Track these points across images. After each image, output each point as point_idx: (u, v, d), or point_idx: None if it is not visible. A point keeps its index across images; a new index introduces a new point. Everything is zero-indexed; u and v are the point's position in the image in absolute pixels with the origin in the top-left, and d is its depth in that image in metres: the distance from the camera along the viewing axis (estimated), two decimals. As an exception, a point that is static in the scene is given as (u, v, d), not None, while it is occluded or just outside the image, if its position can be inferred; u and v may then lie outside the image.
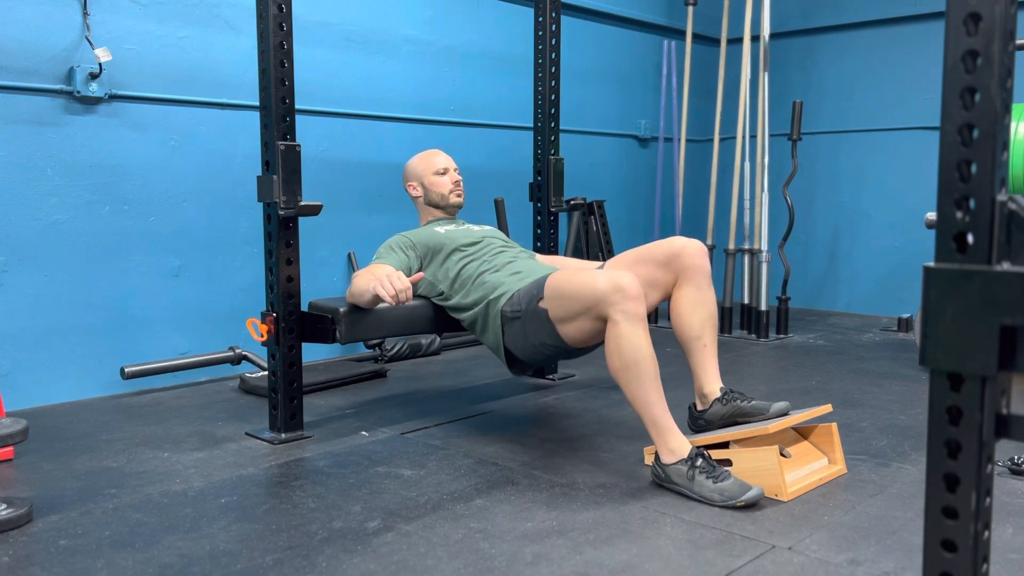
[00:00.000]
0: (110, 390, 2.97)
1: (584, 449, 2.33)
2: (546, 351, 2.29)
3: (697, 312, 2.25)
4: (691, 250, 2.28)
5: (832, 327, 4.38)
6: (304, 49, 3.26)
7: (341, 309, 2.36)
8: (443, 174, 2.70)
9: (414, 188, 2.73)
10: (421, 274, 2.28)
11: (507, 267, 2.46)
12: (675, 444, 1.96)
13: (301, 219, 2.44)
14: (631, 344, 1.97)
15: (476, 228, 2.68)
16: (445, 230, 2.61)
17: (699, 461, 1.92)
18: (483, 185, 4.03)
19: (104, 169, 2.92)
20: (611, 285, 2.00)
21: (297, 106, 2.45)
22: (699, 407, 2.28)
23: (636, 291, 2.00)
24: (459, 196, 2.72)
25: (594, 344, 2.26)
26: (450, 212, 2.73)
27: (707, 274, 2.29)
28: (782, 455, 1.99)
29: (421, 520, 1.81)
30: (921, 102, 4.59)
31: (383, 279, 2.18)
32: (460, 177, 2.74)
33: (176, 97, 3.08)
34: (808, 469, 2.06)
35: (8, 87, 2.70)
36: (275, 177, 2.31)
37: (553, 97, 3.19)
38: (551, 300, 2.18)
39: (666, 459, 1.96)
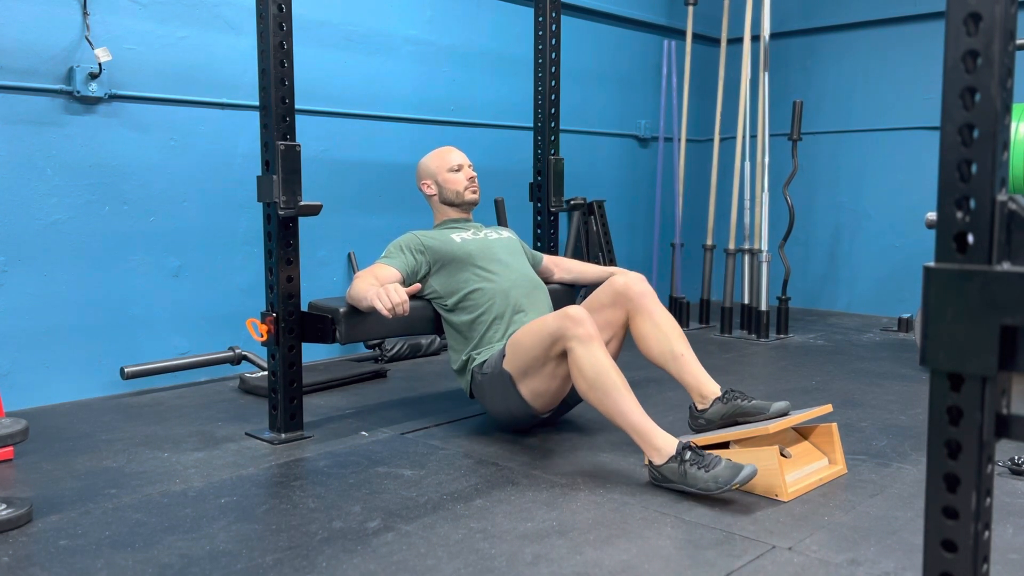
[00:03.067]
0: (110, 390, 2.97)
1: (584, 449, 2.33)
2: (509, 416, 2.38)
3: (656, 333, 2.35)
4: (630, 282, 2.40)
5: (832, 327, 4.38)
6: (304, 49, 3.26)
7: (341, 309, 2.36)
8: (458, 171, 2.66)
9: (428, 186, 2.68)
10: (418, 286, 2.29)
11: (514, 317, 2.47)
12: (660, 443, 1.96)
13: (301, 219, 2.44)
14: (590, 363, 2.04)
15: (494, 236, 2.65)
16: (461, 239, 2.56)
17: (687, 455, 1.92)
18: (483, 185, 3.98)
19: (104, 169, 2.92)
20: (559, 317, 2.12)
21: (297, 106, 2.45)
22: (699, 407, 2.28)
23: (583, 315, 2.10)
24: (474, 193, 2.68)
25: (556, 404, 2.35)
26: (465, 210, 2.70)
27: (653, 296, 2.39)
28: (782, 455, 1.99)
29: (421, 520, 1.81)
30: (921, 102, 4.58)
31: (380, 292, 2.20)
32: (475, 174, 2.70)
33: (176, 97, 3.08)
34: (808, 469, 2.06)
35: (8, 87, 2.70)
36: (275, 177, 2.31)
37: (553, 97, 3.19)
38: (511, 357, 2.27)
39: (657, 460, 1.97)
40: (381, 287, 2.23)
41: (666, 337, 2.32)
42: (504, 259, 2.57)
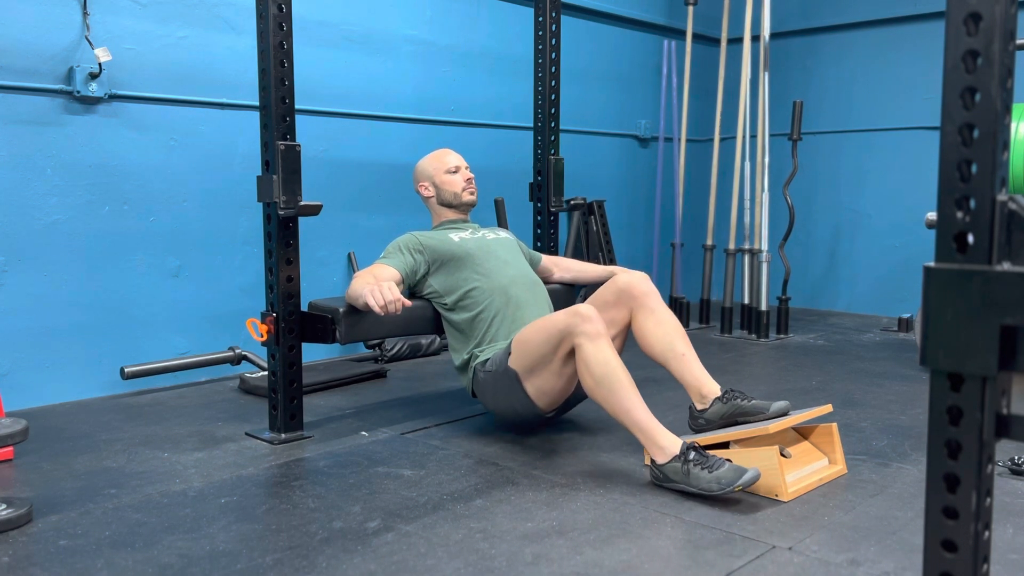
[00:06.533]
0: (110, 390, 2.97)
1: (584, 449, 2.33)
2: (513, 413, 2.38)
3: (659, 330, 2.35)
4: (634, 281, 2.41)
5: (832, 327, 4.38)
6: (304, 49, 3.26)
7: (341, 309, 2.36)
8: (455, 172, 2.67)
9: (426, 188, 2.69)
10: (409, 303, 2.26)
11: (512, 316, 2.47)
12: (664, 442, 1.97)
13: (301, 219, 2.44)
14: (598, 360, 2.04)
15: (491, 236, 2.65)
16: (460, 238, 2.57)
17: (691, 455, 1.93)
18: (483, 185, 4.00)
19: (104, 169, 2.92)
20: (568, 314, 2.12)
21: (297, 106, 2.45)
22: (699, 407, 2.28)
23: (593, 312, 2.11)
24: (472, 194, 2.69)
25: (561, 403, 2.35)
26: (463, 211, 2.70)
27: (656, 295, 2.41)
28: (782, 455, 1.99)
29: (421, 520, 1.81)
30: (921, 102, 4.58)
31: (375, 289, 2.20)
32: (472, 175, 2.70)
33: (176, 97, 3.08)
34: (808, 469, 2.06)
35: (8, 87, 2.70)
36: (275, 177, 2.31)
37: (553, 97, 3.19)
38: (517, 356, 2.26)
39: (660, 459, 1.97)
40: (375, 285, 2.23)
41: (668, 336, 2.33)
42: (503, 257, 2.58)
